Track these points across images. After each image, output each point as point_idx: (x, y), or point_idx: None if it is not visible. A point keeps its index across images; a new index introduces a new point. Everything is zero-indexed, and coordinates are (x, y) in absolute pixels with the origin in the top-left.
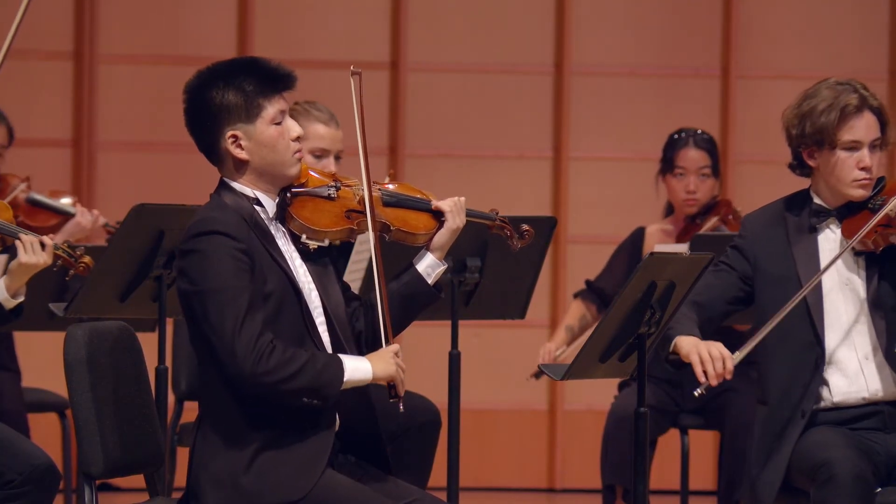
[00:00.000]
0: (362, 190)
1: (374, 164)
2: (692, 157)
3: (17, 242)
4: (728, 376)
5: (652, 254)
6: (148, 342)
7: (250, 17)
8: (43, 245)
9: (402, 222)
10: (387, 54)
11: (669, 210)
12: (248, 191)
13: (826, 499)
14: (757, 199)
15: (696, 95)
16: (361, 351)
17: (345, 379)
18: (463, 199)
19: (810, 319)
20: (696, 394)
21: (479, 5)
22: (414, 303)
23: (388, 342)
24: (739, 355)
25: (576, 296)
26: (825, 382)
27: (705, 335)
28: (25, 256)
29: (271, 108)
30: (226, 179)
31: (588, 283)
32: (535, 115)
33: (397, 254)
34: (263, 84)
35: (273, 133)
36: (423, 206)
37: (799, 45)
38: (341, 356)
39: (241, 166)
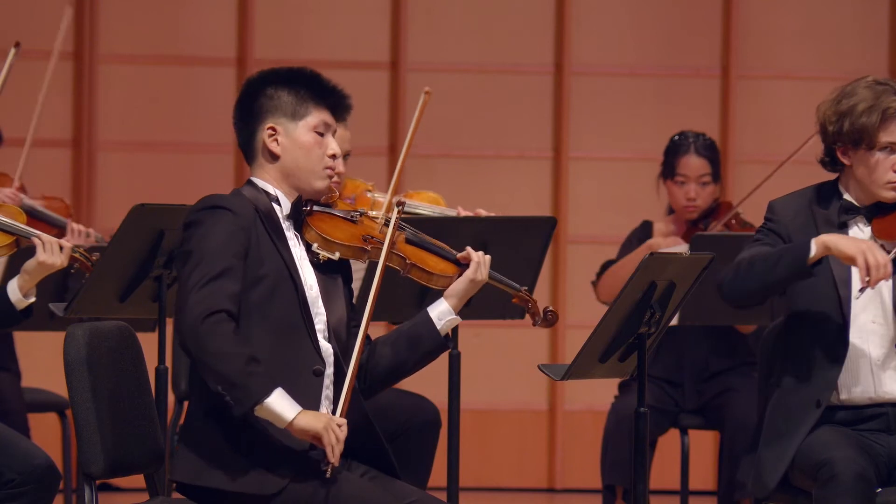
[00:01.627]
0: (385, 225)
1: (375, 165)
2: (693, 164)
3: (36, 241)
4: (888, 279)
5: (652, 254)
6: (148, 342)
7: (250, 17)
8: (61, 247)
9: (420, 260)
10: (387, 54)
11: (672, 209)
12: (271, 188)
13: (828, 498)
14: (757, 199)
15: (696, 95)
16: (363, 382)
17: (265, 401)
18: (489, 257)
19: (842, 313)
20: (857, 297)
21: (479, 5)
22: (418, 347)
23: (340, 413)
24: (894, 254)
25: (598, 276)
26: (839, 374)
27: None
28: (44, 256)
29: (317, 117)
30: (253, 179)
31: (605, 263)
32: (535, 115)
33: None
34: (317, 94)
35: (310, 139)
36: (445, 255)
37: (799, 45)
38: (280, 389)
39: (272, 161)
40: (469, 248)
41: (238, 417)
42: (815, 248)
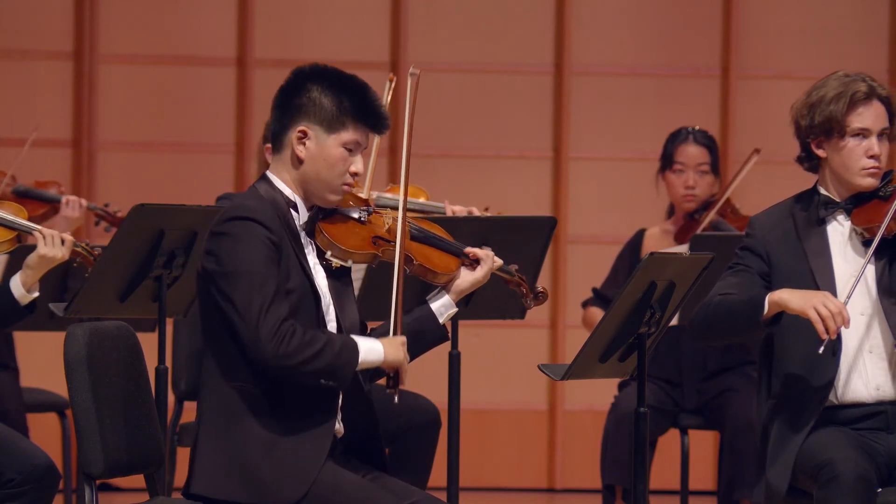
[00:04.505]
0: (392, 220)
1: (375, 165)
2: (691, 153)
3: (37, 235)
4: (846, 326)
5: (652, 254)
6: (148, 342)
7: (250, 17)
8: (63, 240)
9: (426, 259)
10: (387, 54)
11: (671, 212)
12: (289, 192)
13: (829, 499)
14: (757, 199)
15: (696, 95)
16: (366, 379)
17: (360, 360)
18: (500, 261)
19: None
20: (820, 351)
21: (479, 5)
22: (422, 340)
23: (395, 333)
24: (846, 300)
25: (584, 304)
26: (836, 374)
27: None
28: (45, 249)
29: (352, 133)
30: (269, 175)
31: (595, 290)
32: (535, 115)
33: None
34: (360, 112)
35: (337, 154)
36: (449, 248)
37: (799, 45)
38: (355, 338)
39: (295, 162)
40: (477, 250)
41: (250, 424)
42: (767, 306)
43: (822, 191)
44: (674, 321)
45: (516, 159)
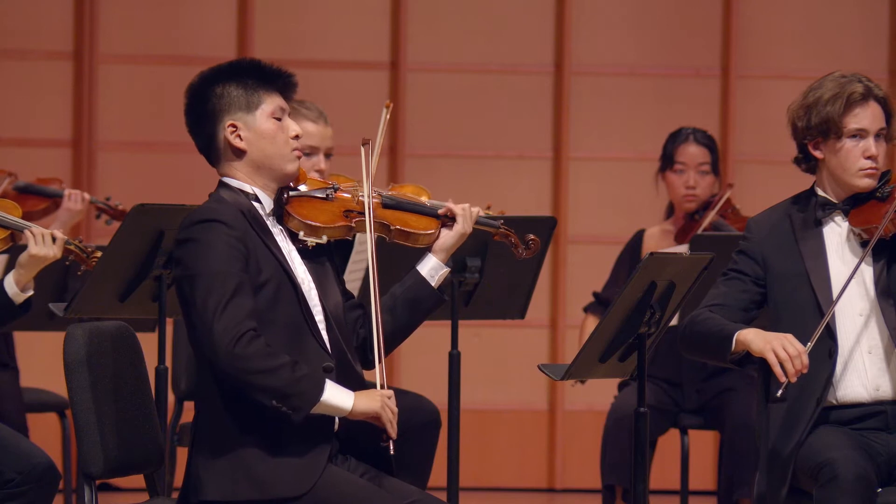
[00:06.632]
0: (361, 195)
1: (376, 165)
2: (692, 152)
3: (28, 234)
4: (805, 370)
5: (652, 254)
6: (148, 342)
7: (250, 17)
8: (54, 238)
9: (403, 223)
10: (387, 54)
11: (670, 212)
12: (247, 187)
13: (829, 499)
14: (757, 199)
15: (696, 95)
16: (364, 355)
17: (321, 398)
18: (476, 209)
19: (821, 313)
20: (778, 395)
21: (479, 5)
22: (418, 307)
23: (382, 384)
24: (810, 345)
25: (586, 309)
26: (834, 375)
27: None
28: (36, 248)
29: (271, 103)
30: (224, 179)
31: (596, 294)
32: (535, 115)
33: (401, 256)
34: (264, 80)
35: (272, 126)
36: (423, 210)
37: (799, 45)
38: (328, 381)
39: (238, 158)
40: (450, 204)
41: (244, 434)
42: (734, 344)
43: (820, 192)
44: (674, 321)
45: (516, 159)
